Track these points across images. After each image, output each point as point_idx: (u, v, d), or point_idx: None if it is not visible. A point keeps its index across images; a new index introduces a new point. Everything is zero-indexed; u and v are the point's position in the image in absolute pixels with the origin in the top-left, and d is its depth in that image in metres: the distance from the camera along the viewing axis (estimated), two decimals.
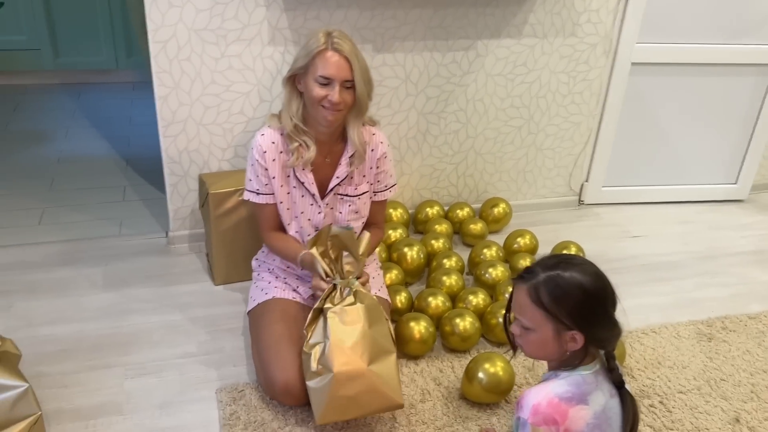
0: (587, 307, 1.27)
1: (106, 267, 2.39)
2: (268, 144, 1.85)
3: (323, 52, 1.71)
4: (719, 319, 2.28)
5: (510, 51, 2.58)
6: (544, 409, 1.26)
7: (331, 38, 1.71)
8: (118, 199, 2.87)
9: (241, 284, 2.32)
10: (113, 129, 3.56)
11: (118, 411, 1.78)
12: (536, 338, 1.31)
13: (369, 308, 1.68)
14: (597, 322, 1.28)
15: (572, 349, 1.30)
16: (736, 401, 1.91)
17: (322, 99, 1.74)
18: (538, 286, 1.28)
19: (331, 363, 1.59)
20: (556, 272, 1.28)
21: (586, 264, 1.30)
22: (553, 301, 1.27)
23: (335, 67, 1.71)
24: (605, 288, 1.29)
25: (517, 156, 2.83)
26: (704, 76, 2.83)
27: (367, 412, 1.65)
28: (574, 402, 1.27)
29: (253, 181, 1.89)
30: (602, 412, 1.29)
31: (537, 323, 1.30)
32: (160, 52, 2.20)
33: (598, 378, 1.32)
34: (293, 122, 1.81)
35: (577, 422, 1.26)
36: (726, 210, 3.09)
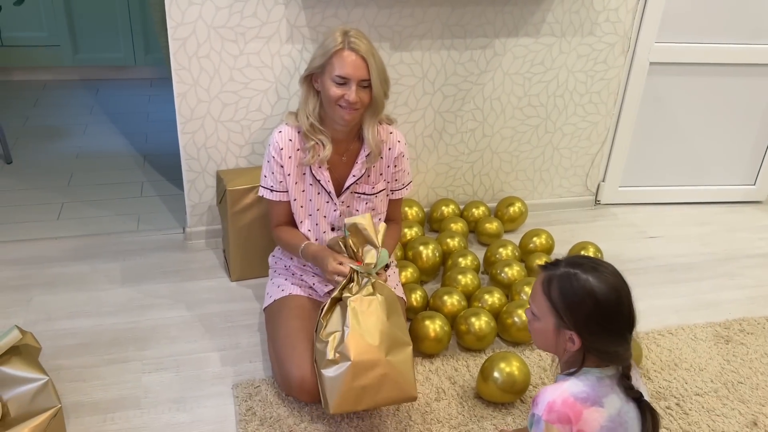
0: (591, 314, 1.26)
1: (123, 262, 2.41)
2: (285, 141, 1.86)
3: (340, 52, 1.72)
4: (737, 321, 2.26)
5: (528, 50, 2.57)
6: (559, 408, 1.26)
7: (347, 37, 1.72)
8: (136, 194, 2.89)
9: (258, 281, 2.33)
10: (131, 125, 3.58)
11: (136, 405, 1.80)
12: (540, 327, 1.33)
13: (387, 300, 1.69)
14: (597, 333, 1.27)
15: (570, 349, 1.30)
16: (753, 404, 1.90)
17: (339, 98, 1.74)
18: (553, 278, 1.30)
19: (349, 351, 1.60)
20: (576, 271, 1.28)
21: (609, 275, 1.28)
22: (560, 297, 1.28)
23: (352, 66, 1.71)
24: (618, 303, 1.26)
25: (533, 155, 2.82)
26: (723, 76, 2.80)
27: (380, 402, 1.66)
28: (588, 403, 1.26)
29: (268, 177, 1.91)
30: (617, 415, 1.28)
31: (542, 313, 1.32)
32: (180, 50, 2.21)
33: (614, 382, 1.31)
34: (309, 121, 1.82)
35: (590, 423, 1.26)
36: (744, 211, 3.06)
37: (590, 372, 1.30)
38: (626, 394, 1.30)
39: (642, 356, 2.01)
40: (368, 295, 1.67)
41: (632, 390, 1.31)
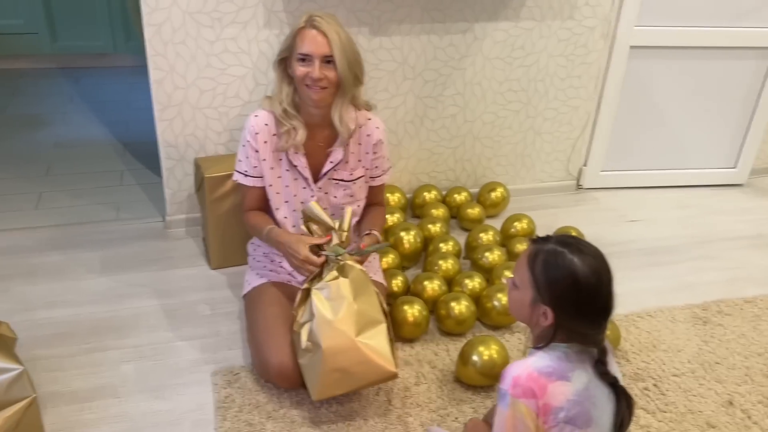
0: (568, 294, 1.27)
1: (103, 251, 2.40)
2: (260, 126, 1.84)
3: (302, 31, 1.73)
4: (715, 302, 2.28)
5: (508, 34, 2.56)
6: (524, 382, 1.27)
7: (311, 17, 1.73)
8: (116, 183, 2.87)
9: (238, 268, 2.32)
10: (111, 113, 3.55)
11: (114, 394, 1.79)
12: (517, 297, 1.35)
13: (354, 281, 1.68)
14: (571, 313, 1.28)
15: (542, 323, 1.31)
16: (730, 384, 1.92)
17: (305, 77, 1.74)
18: (539, 252, 1.31)
19: (319, 339, 1.61)
20: (563, 250, 1.29)
21: (594, 259, 1.29)
22: (542, 272, 1.29)
23: (313, 43, 1.71)
24: (597, 288, 1.27)
25: (515, 140, 2.82)
26: (703, 59, 2.80)
27: (362, 384, 1.67)
28: (554, 377, 1.28)
29: (242, 162, 1.90)
30: (585, 390, 1.29)
31: (523, 283, 1.33)
32: (155, 36, 2.18)
33: (582, 357, 1.32)
34: (282, 106, 1.81)
35: (556, 397, 1.27)
36: (725, 194, 3.08)
37: (557, 347, 1.31)
38: (601, 379, 1.31)
39: (620, 338, 2.03)
40: (332, 279, 1.67)
41: (607, 375, 1.32)
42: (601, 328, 1.31)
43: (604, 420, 1.31)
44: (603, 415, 1.31)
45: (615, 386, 1.32)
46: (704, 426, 1.77)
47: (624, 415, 1.33)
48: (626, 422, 1.34)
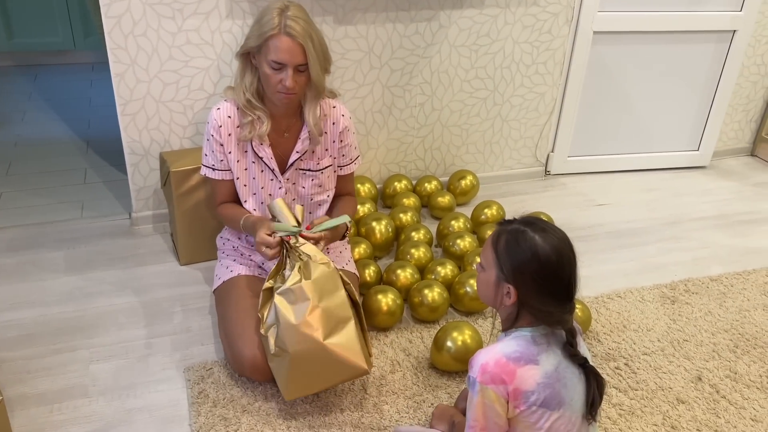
0: (529, 270, 1.28)
1: (68, 250, 2.34)
2: (224, 118, 1.81)
3: (275, 37, 1.65)
4: (682, 282, 2.32)
5: (473, 21, 2.56)
6: (492, 369, 1.28)
7: (284, 19, 1.64)
8: (79, 181, 2.81)
9: (207, 263, 2.29)
10: (72, 111, 3.47)
11: (84, 394, 1.75)
12: (483, 278, 1.37)
13: (317, 281, 1.62)
14: (532, 290, 1.29)
15: (506, 303, 1.33)
16: (698, 360, 1.96)
17: (276, 83, 1.70)
18: (503, 232, 1.33)
19: (286, 345, 1.58)
20: (525, 229, 1.31)
21: (557, 238, 1.30)
22: (504, 249, 1.31)
23: (288, 52, 1.65)
24: (558, 266, 1.28)
25: (483, 128, 2.83)
26: (665, 43, 2.85)
27: (334, 382, 1.66)
28: (522, 362, 1.29)
29: (208, 156, 1.87)
30: (554, 371, 1.30)
31: (488, 264, 1.35)
32: (114, 28, 2.13)
33: (550, 340, 1.33)
34: (246, 97, 1.77)
35: (526, 381, 1.28)
36: (689, 176, 3.14)
37: (523, 331, 1.33)
38: (571, 361, 1.33)
39: (591, 319, 2.05)
40: (295, 283, 1.61)
41: (577, 356, 1.33)
42: (566, 308, 1.31)
43: (576, 400, 1.32)
44: (574, 395, 1.32)
45: (585, 367, 1.34)
46: (674, 402, 1.80)
47: (595, 395, 1.34)
48: (597, 402, 1.35)
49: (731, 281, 2.33)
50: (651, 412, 1.76)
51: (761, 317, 2.16)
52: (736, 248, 2.56)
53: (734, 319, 2.14)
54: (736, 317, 2.15)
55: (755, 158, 3.36)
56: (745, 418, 1.76)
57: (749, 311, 2.18)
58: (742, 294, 2.27)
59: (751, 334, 2.08)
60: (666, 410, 1.77)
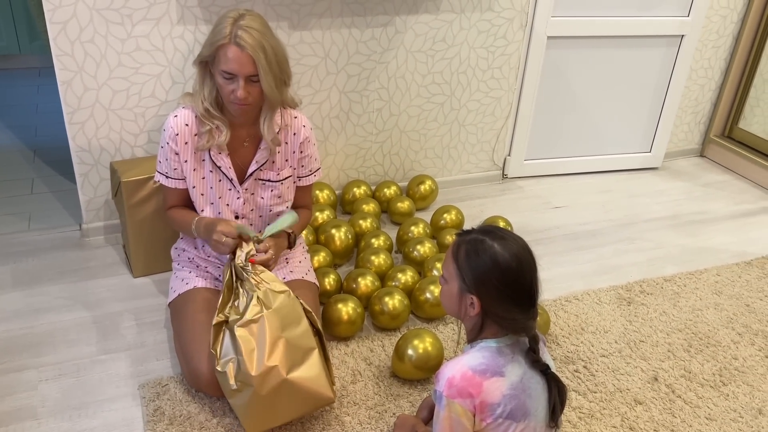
0: (491, 278, 1.29)
1: (14, 264, 2.25)
2: (180, 126, 1.77)
3: (225, 47, 1.61)
4: (637, 283, 2.36)
5: (429, 27, 2.56)
6: (458, 383, 1.27)
7: (236, 28, 1.60)
8: (26, 192, 2.70)
9: (162, 275, 2.23)
10: (18, 118, 3.35)
11: (33, 416, 1.68)
12: (446, 290, 1.37)
13: (279, 310, 1.58)
14: (495, 298, 1.30)
15: (470, 313, 1.33)
16: (654, 361, 2.00)
17: (229, 93, 1.67)
18: (462, 243, 1.33)
19: (250, 380, 1.53)
20: (484, 238, 1.32)
21: (516, 245, 1.31)
22: (465, 260, 1.32)
23: (237, 63, 1.61)
24: (518, 272, 1.29)
25: (440, 133, 2.84)
26: (617, 48, 2.90)
27: (299, 414, 1.63)
28: (488, 374, 1.29)
29: (162, 163, 1.82)
30: (520, 382, 1.31)
31: (450, 276, 1.36)
32: (60, 34, 2.06)
33: (515, 350, 1.33)
34: (204, 106, 1.73)
35: (492, 393, 1.28)
36: (642, 178, 3.21)
37: (488, 343, 1.32)
38: (533, 367, 1.33)
39: (550, 322, 2.07)
40: (256, 315, 1.56)
41: (539, 362, 1.34)
42: (529, 315, 1.32)
43: (539, 410, 1.33)
44: (538, 405, 1.33)
45: (546, 373, 1.35)
46: (632, 403, 1.83)
47: (556, 402, 1.35)
48: (559, 408, 1.36)
49: (684, 281, 2.39)
50: (610, 414, 1.79)
51: (713, 316, 2.21)
52: (688, 248, 2.62)
53: (687, 319, 2.19)
54: (690, 317, 2.20)
55: (704, 159, 3.45)
56: (700, 416, 1.80)
57: (701, 310, 2.24)
58: (694, 293, 2.32)
59: (704, 333, 2.13)
60: (624, 412, 1.79)
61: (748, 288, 2.37)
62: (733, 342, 2.09)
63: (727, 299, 2.30)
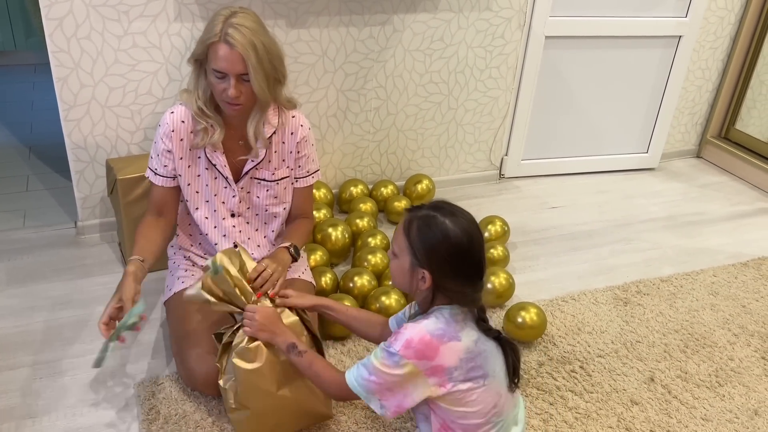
0: (442, 252, 1.31)
1: (9, 262, 2.24)
2: (176, 123, 1.75)
3: (215, 45, 1.58)
4: (634, 283, 2.37)
5: (427, 26, 2.56)
6: (416, 345, 1.31)
7: (227, 26, 1.57)
8: (21, 189, 2.69)
9: (158, 273, 2.22)
10: (13, 115, 3.33)
11: (28, 414, 1.67)
12: (397, 265, 1.39)
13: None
14: (447, 273, 1.33)
15: (422, 287, 1.36)
16: (650, 361, 2.00)
17: (221, 92, 1.64)
18: (413, 219, 1.35)
19: (247, 401, 1.53)
20: (435, 214, 1.34)
21: (465, 220, 1.34)
22: (416, 235, 1.33)
23: (226, 61, 1.58)
24: (469, 247, 1.32)
25: (438, 132, 2.83)
26: (614, 48, 2.90)
27: (297, 428, 1.64)
28: (445, 338, 1.32)
29: (153, 159, 1.79)
30: (475, 346, 1.35)
31: (401, 251, 1.37)
32: (56, 30, 2.05)
33: (467, 317, 1.37)
34: (198, 104, 1.71)
35: (449, 357, 1.32)
36: (639, 178, 3.21)
37: (443, 309, 1.36)
38: (486, 335, 1.38)
39: (547, 323, 2.07)
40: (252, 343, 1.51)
41: (490, 330, 1.39)
42: (478, 287, 1.36)
43: (498, 371, 1.38)
44: (496, 367, 1.38)
45: (499, 339, 1.41)
46: (628, 403, 1.83)
47: (514, 364, 1.41)
48: (517, 367, 1.42)
49: (680, 282, 2.39)
50: (606, 414, 1.78)
51: (709, 317, 2.21)
52: (685, 249, 2.62)
53: (684, 320, 2.19)
54: (686, 317, 2.20)
55: (701, 160, 3.46)
56: (696, 417, 1.80)
57: (698, 311, 2.24)
58: (691, 294, 2.32)
59: (700, 333, 2.13)
60: (620, 412, 1.79)
61: (745, 289, 2.37)
62: (729, 343, 2.10)
63: (723, 300, 2.30)
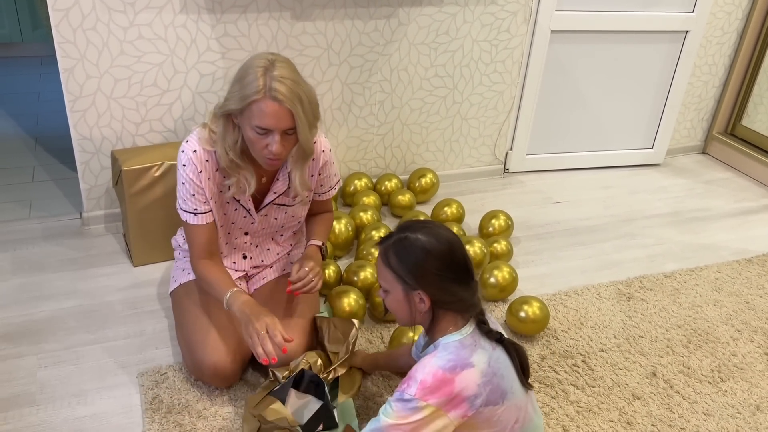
0: (429, 267, 1.30)
1: (14, 252, 2.26)
2: (201, 162, 1.64)
3: (260, 102, 1.49)
4: (637, 278, 2.36)
5: (432, 19, 2.55)
6: (431, 384, 1.26)
7: (269, 80, 1.48)
8: (27, 180, 2.70)
9: (162, 264, 2.23)
10: (20, 106, 3.34)
11: (31, 402, 1.68)
12: (392, 299, 1.36)
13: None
14: (440, 283, 1.31)
15: (422, 309, 1.33)
16: (653, 356, 2.00)
17: (262, 148, 1.55)
18: (388, 248, 1.34)
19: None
20: (405, 234, 1.32)
21: (438, 229, 1.33)
22: (398, 261, 1.32)
23: (274, 118, 1.50)
24: (451, 252, 1.31)
25: (442, 126, 2.83)
26: (620, 43, 2.89)
27: None
28: (458, 369, 1.28)
29: (188, 201, 1.67)
30: (489, 367, 1.31)
31: (389, 284, 1.35)
32: (62, 21, 2.06)
33: (475, 338, 1.34)
34: (230, 157, 1.61)
35: (467, 387, 1.27)
36: (644, 174, 3.20)
37: (450, 339, 1.32)
38: (488, 338, 1.35)
39: (549, 317, 2.07)
40: None
41: (492, 333, 1.36)
42: (473, 290, 1.34)
43: (513, 385, 1.35)
44: (512, 382, 1.35)
45: (502, 341, 1.37)
46: (630, 398, 1.83)
47: (524, 364, 1.38)
48: (526, 368, 1.39)
49: (684, 277, 2.38)
50: (608, 408, 1.79)
51: (712, 312, 2.21)
52: (689, 245, 2.62)
53: (687, 315, 2.19)
54: (689, 313, 2.20)
55: (707, 156, 3.45)
56: (697, 412, 1.80)
57: (701, 307, 2.23)
58: (694, 290, 2.32)
59: (703, 329, 2.13)
60: (622, 406, 1.80)
61: (749, 285, 2.37)
62: (732, 338, 2.09)
63: (726, 296, 2.30)
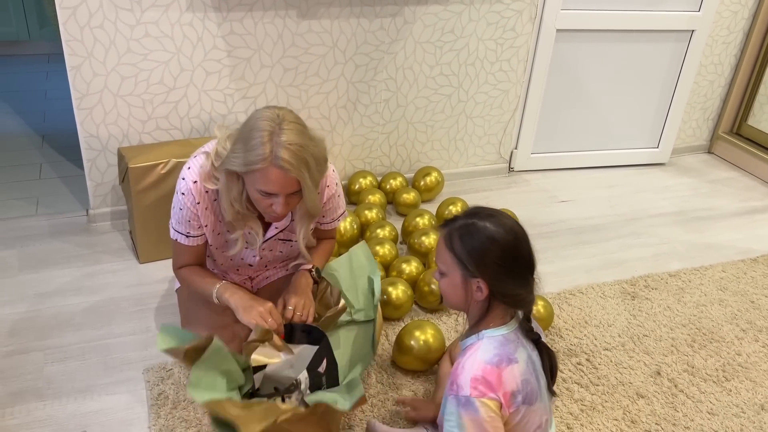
0: (492, 256, 1.28)
1: (21, 248, 2.27)
2: (200, 194, 1.60)
3: (266, 170, 1.43)
4: (642, 277, 2.36)
5: (437, 18, 2.56)
6: (482, 379, 1.26)
7: (275, 147, 1.41)
8: (34, 177, 2.72)
9: (168, 261, 2.21)
10: (27, 104, 3.36)
11: (38, 397, 1.70)
12: (448, 283, 1.35)
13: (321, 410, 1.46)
14: (501, 275, 1.29)
15: (478, 298, 1.31)
16: (657, 355, 1.99)
17: (266, 207, 1.53)
18: (453, 231, 1.32)
19: None
20: (473, 221, 1.31)
21: (505, 218, 1.32)
22: (462, 246, 1.30)
23: (278, 185, 1.45)
24: (517, 244, 1.29)
25: (447, 124, 2.83)
26: (626, 42, 2.89)
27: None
28: (504, 363, 1.28)
29: (182, 224, 1.65)
30: (527, 366, 1.32)
31: (448, 267, 1.33)
32: (70, 19, 2.07)
33: (518, 334, 1.34)
34: (235, 209, 1.57)
35: (511, 381, 1.28)
36: (649, 173, 3.20)
37: (495, 333, 1.32)
38: (526, 336, 1.35)
39: (554, 315, 2.07)
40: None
41: (532, 332, 1.36)
42: (531, 287, 1.33)
43: (542, 386, 1.35)
44: (542, 384, 1.35)
45: (538, 342, 1.37)
46: (634, 396, 1.83)
47: (553, 370, 1.38)
48: (555, 374, 1.39)
49: (689, 277, 2.38)
50: (612, 407, 1.79)
51: (717, 312, 2.21)
52: (694, 244, 2.61)
53: (692, 314, 2.18)
54: (694, 312, 2.20)
55: (712, 155, 3.44)
56: (702, 411, 1.80)
57: (706, 306, 2.23)
58: (699, 289, 2.32)
59: (708, 328, 2.12)
60: (626, 405, 1.80)
61: (754, 285, 2.36)
62: (736, 338, 2.09)
63: (731, 295, 2.30)
